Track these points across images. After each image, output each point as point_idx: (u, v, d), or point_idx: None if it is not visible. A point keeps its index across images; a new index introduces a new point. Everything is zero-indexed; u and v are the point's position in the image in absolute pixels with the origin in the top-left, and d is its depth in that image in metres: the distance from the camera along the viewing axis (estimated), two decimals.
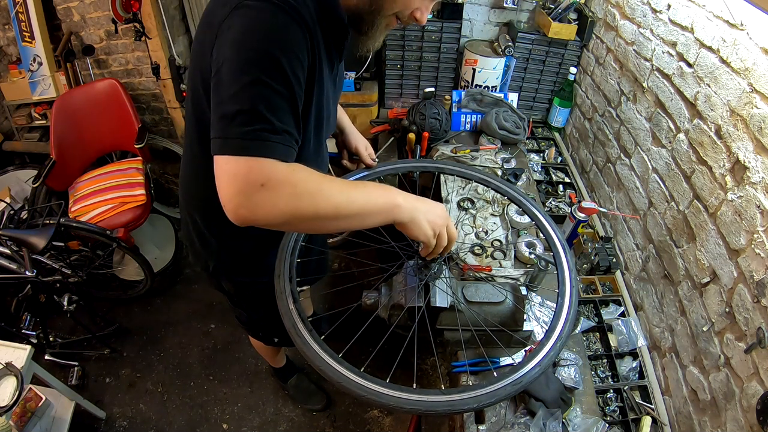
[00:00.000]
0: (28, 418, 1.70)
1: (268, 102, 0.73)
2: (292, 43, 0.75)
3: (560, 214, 1.86)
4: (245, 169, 0.71)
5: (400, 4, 0.85)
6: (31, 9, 2.37)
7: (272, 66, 0.73)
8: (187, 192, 1.18)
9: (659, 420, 1.32)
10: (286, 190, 0.73)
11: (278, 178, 0.72)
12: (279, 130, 0.74)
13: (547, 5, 2.05)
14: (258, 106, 0.72)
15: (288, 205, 0.73)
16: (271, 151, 0.73)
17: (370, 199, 0.83)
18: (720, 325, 1.14)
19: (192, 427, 2.03)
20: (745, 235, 1.08)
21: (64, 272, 1.96)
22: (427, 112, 2.02)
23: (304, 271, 1.08)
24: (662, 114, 1.48)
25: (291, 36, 0.75)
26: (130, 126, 2.40)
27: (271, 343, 1.70)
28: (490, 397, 0.83)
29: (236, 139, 0.72)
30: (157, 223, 2.74)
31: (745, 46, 1.12)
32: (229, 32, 0.74)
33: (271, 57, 0.73)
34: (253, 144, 0.72)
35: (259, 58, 0.72)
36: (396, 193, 0.86)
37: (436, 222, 0.89)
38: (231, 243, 1.19)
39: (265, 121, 0.73)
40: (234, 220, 0.74)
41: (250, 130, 0.72)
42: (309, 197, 0.75)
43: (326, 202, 0.77)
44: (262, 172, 0.71)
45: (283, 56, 0.74)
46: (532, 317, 1.35)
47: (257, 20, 0.73)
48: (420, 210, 0.87)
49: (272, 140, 0.73)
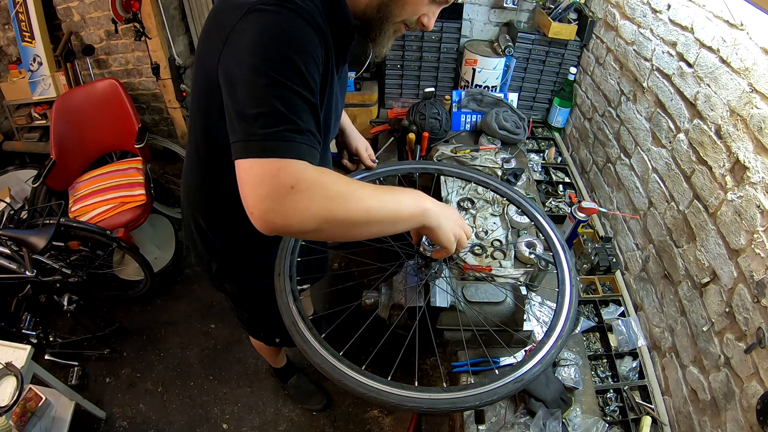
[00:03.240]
0: (28, 418, 1.70)
1: (289, 103, 0.70)
2: (309, 46, 0.74)
3: (560, 214, 1.86)
4: (273, 170, 0.67)
5: (408, 11, 0.85)
6: (31, 9, 2.37)
7: (291, 68, 0.71)
8: (190, 194, 1.18)
9: (659, 420, 1.32)
10: (319, 192, 0.70)
11: (309, 179, 0.69)
12: (303, 130, 0.71)
13: (547, 5, 2.05)
14: (280, 107, 0.69)
15: (321, 209, 0.70)
16: (299, 151, 0.70)
17: (402, 203, 0.81)
18: (720, 325, 1.14)
19: (192, 427, 2.03)
20: (745, 235, 1.08)
21: (64, 272, 1.96)
22: (427, 112, 2.02)
23: (305, 270, 1.09)
24: (662, 114, 1.48)
25: (307, 39, 0.74)
26: (130, 126, 2.40)
27: (273, 343, 1.70)
28: (491, 395, 0.83)
29: (260, 141, 0.69)
30: (157, 223, 2.74)
31: (745, 46, 1.12)
32: (243, 36, 0.73)
33: (288, 59, 0.71)
34: (280, 145, 0.69)
35: (277, 60, 0.70)
36: (423, 197, 0.86)
37: (457, 230, 0.91)
38: (234, 245, 1.19)
39: (288, 121, 0.70)
40: (262, 227, 0.70)
41: (275, 131, 0.69)
42: (341, 200, 0.72)
43: (358, 206, 0.74)
44: (292, 173, 0.68)
45: (300, 59, 0.72)
46: (532, 317, 1.35)
47: (272, 23, 0.73)
48: (447, 217, 0.88)
49: (298, 141, 0.70)
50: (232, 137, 0.73)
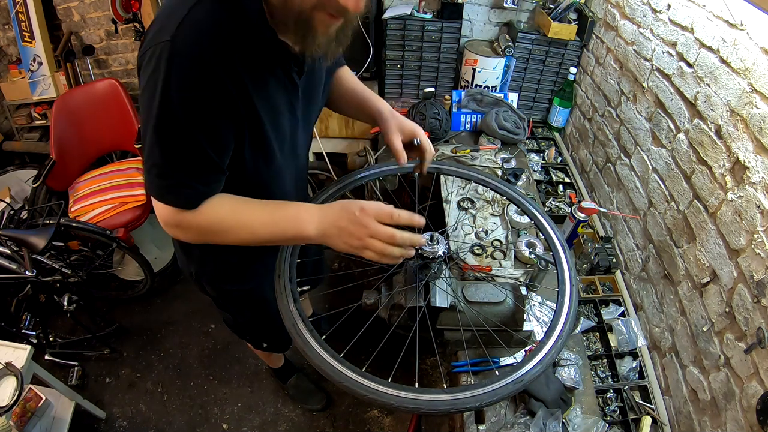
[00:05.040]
0: (28, 418, 1.70)
1: (178, 159, 0.82)
2: (197, 104, 0.77)
3: (560, 214, 1.86)
4: (164, 212, 0.87)
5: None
6: (31, 9, 2.37)
7: (179, 132, 0.78)
8: None
9: (659, 420, 1.32)
10: (193, 231, 0.90)
11: (184, 222, 0.88)
12: (187, 185, 0.84)
13: (547, 5, 2.05)
14: (169, 162, 0.82)
15: (198, 238, 0.93)
16: (183, 201, 0.86)
17: (275, 232, 0.91)
18: (720, 325, 1.14)
19: (192, 427, 2.03)
20: (745, 235, 1.08)
21: (64, 272, 1.96)
22: (427, 112, 2.02)
23: (301, 272, 1.08)
24: (662, 114, 1.48)
25: (195, 97, 0.76)
26: (130, 126, 2.40)
27: (260, 347, 1.70)
28: (491, 396, 0.83)
29: (156, 189, 0.85)
30: (157, 223, 2.72)
31: (745, 46, 1.12)
32: (140, 86, 0.79)
33: (175, 125, 0.78)
34: (167, 196, 0.85)
35: (166, 127, 0.78)
36: (307, 222, 0.89)
37: (352, 243, 0.87)
38: (213, 252, 1.17)
39: (174, 177, 0.83)
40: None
41: (164, 184, 0.84)
42: (214, 236, 0.92)
43: (232, 238, 0.92)
44: (173, 218, 0.87)
45: (191, 114, 0.77)
46: (533, 317, 1.35)
47: (164, 76, 0.73)
48: (332, 235, 0.89)
49: (183, 192, 0.85)
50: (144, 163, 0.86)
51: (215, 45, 0.75)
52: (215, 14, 0.75)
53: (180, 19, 0.72)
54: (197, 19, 0.73)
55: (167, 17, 0.75)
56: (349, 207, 0.86)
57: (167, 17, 0.75)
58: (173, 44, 0.72)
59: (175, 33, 0.72)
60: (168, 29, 0.73)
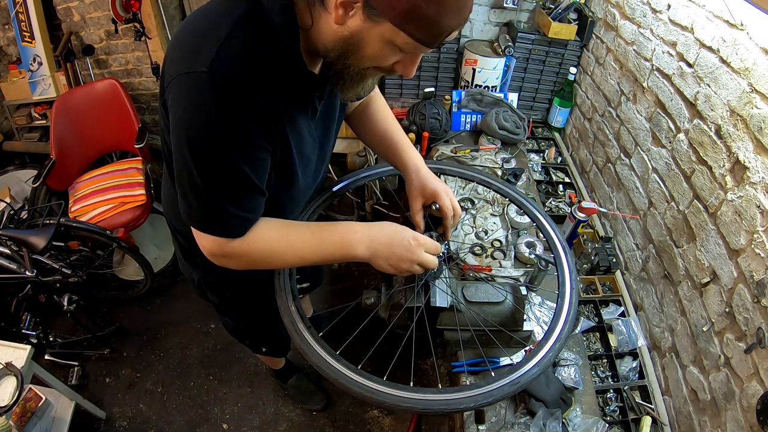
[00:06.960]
0: (28, 418, 1.70)
1: (222, 186, 0.81)
2: (239, 131, 0.77)
3: (560, 214, 1.86)
4: (210, 243, 0.88)
5: (368, 60, 0.77)
6: (31, 9, 2.37)
7: (222, 160, 0.78)
8: (168, 207, 1.18)
9: (659, 420, 1.32)
10: (243, 260, 0.91)
11: (234, 252, 0.89)
12: (232, 213, 0.84)
13: (547, 5, 2.05)
14: (213, 189, 0.81)
15: (247, 266, 0.93)
16: (228, 231, 0.86)
17: (323, 254, 0.94)
18: (720, 325, 1.14)
19: (192, 427, 2.03)
20: (745, 235, 1.08)
21: (64, 272, 1.96)
22: (427, 112, 2.02)
23: (301, 271, 1.09)
24: (662, 114, 1.48)
25: (237, 124, 0.76)
26: (130, 126, 2.40)
27: (259, 351, 1.71)
28: (487, 397, 0.83)
29: (198, 220, 0.86)
30: (157, 223, 2.74)
31: (745, 46, 1.12)
32: (174, 115, 0.78)
33: (218, 152, 0.77)
34: (212, 227, 0.86)
35: (208, 155, 0.78)
36: (357, 243, 0.92)
37: (400, 266, 0.93)
38: None
39: (219, 207, 0.83)
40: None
41: (208, 216, 0.84)
42: (263, 262, 0.93)
43: (279, 263, 0.96)
44: (221, 248, 0.88)
45: (234, 140, 0.77)
46: (532, 317, 1.35)
47: (204, 104, 0.73)
48: (380, 257, 0.92)
49: (228, 223, 0.85)
50: (180, 203, 0.86)
51: (253, 75, 0.76)
52: (252, 47, 0.75)
53: (214, 49, 0.72)
54: (234, 50, 0.73)
55: (194, 48, 0.74)
56: (403, 234, 0.93)
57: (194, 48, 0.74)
58: (211, 74, 0.72)
59: (212, 63, 0.72)
60: (201, 60, 0.72)
